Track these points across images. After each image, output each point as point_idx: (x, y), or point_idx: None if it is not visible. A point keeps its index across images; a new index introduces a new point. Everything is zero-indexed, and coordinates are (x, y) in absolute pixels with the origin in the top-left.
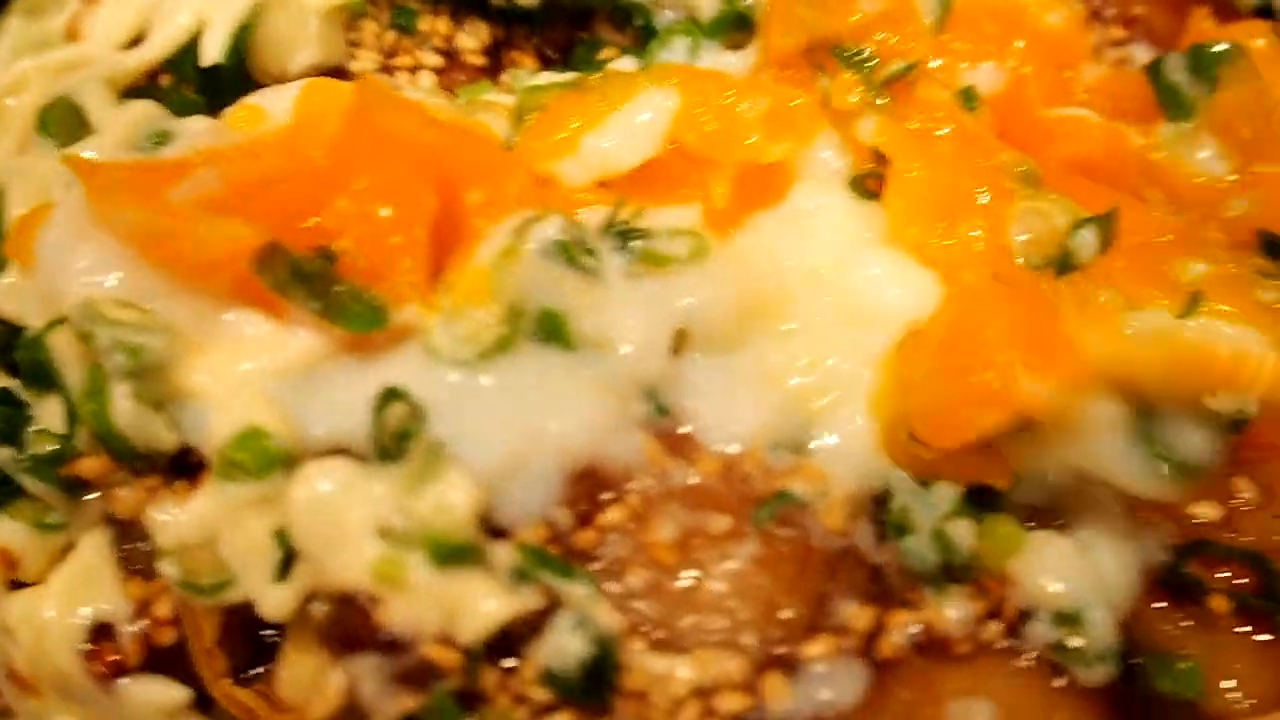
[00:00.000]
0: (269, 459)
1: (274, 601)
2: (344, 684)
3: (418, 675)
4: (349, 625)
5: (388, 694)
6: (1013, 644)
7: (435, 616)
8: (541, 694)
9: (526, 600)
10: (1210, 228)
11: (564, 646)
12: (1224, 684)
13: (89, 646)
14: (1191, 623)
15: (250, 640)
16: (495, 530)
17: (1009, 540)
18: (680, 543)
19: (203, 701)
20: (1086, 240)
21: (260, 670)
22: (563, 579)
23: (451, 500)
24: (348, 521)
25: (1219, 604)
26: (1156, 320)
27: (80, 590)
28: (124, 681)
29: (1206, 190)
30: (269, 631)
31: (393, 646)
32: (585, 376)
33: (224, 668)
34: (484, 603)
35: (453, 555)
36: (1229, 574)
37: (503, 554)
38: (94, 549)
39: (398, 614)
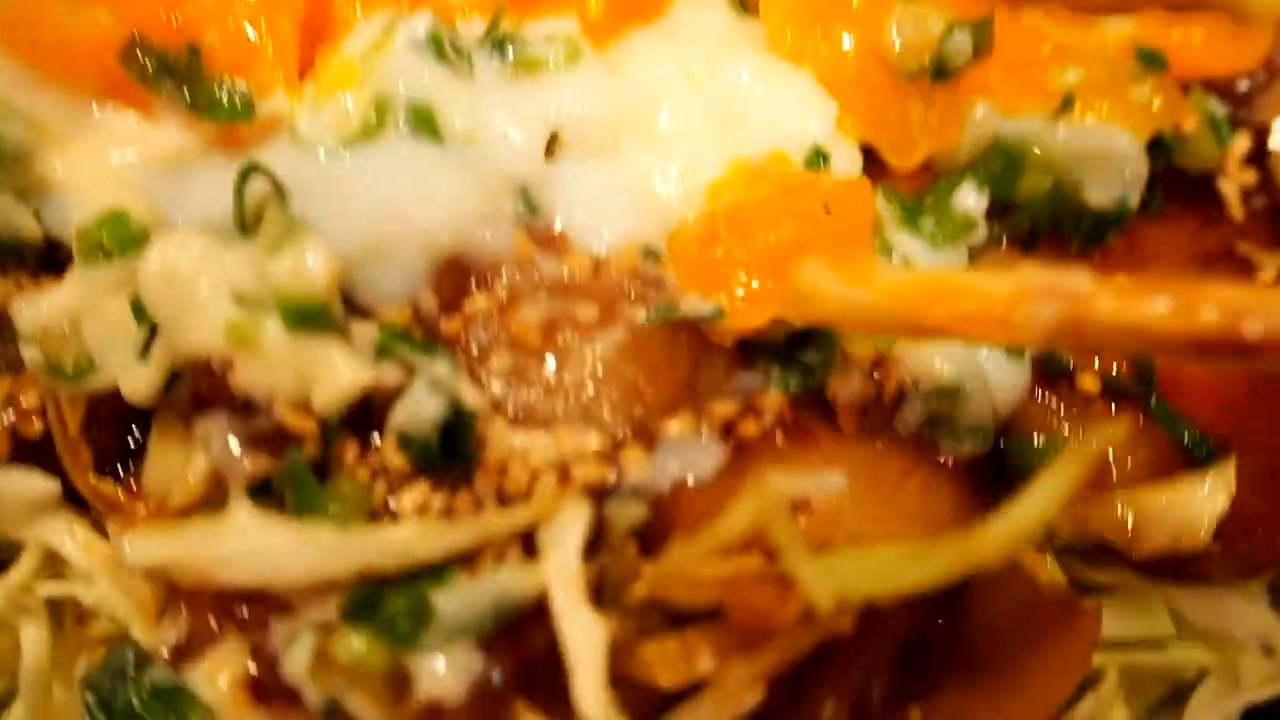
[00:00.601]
0: (130, 239)
1: (135, 381)
2: (205, 471)
3: (272, 439)
4: (203, 390)
5: (240, 455)
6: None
7: (290, 382)
8: (399, 462)
9: (385, 373)
10: (1089, 38)
11: (420, 409)
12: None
13: None
14: (1063, 405)
15: (118, 438)
16: (357, 310)
17: None
18: (546, 328)
19: (78, 502)
20: (961, 44)
21: (127, 468)
22: (423, 355)
23: (308, 264)
24: (201, 288)
25: (1089, 383)
26: (1030, 126)
27: None
28: None
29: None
30: (136, 433)
31: (247, 409)
32: (455, 169)
33: (89, 460)
34: (340, 370)
35: (308, 318)
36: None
37: (363, 331)
38: None
39: (251, 376)
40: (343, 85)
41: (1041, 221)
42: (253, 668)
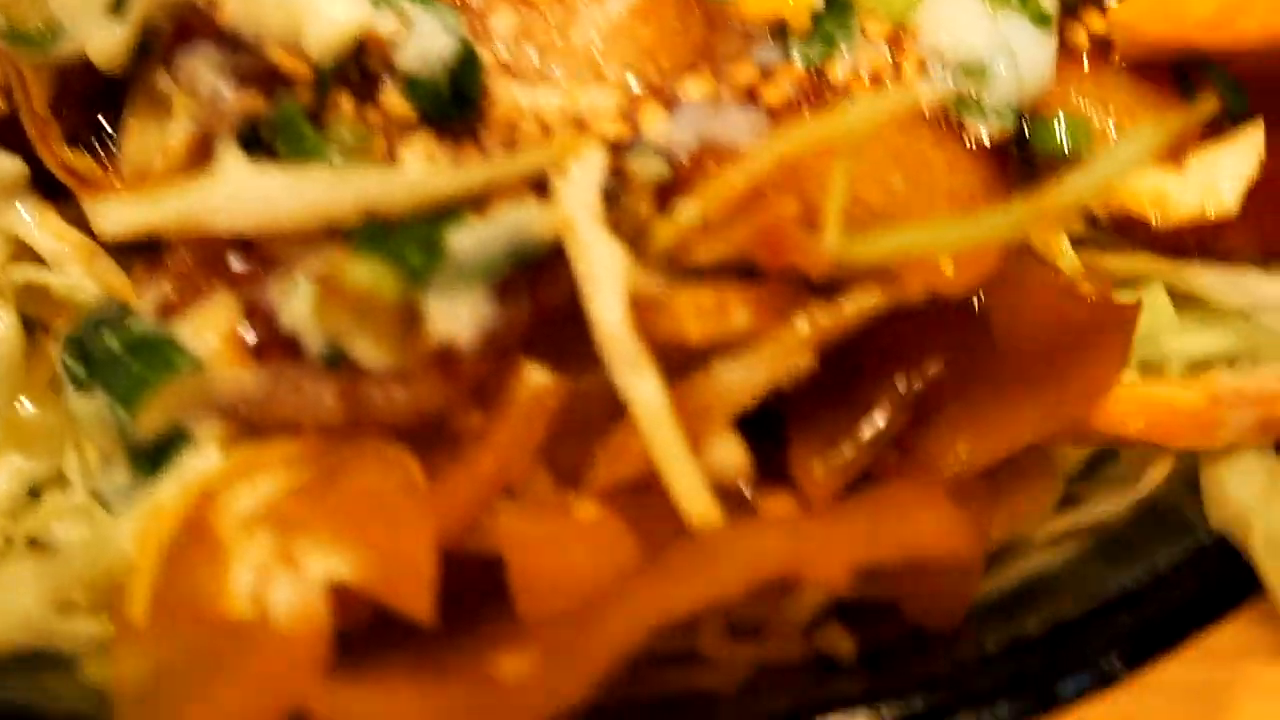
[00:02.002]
0: None
1: (106, 41)
2: (187, 136)
3: (262, 79)
4: (185, 28)
5: (228, 93)
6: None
7: (281, 20)
8: (404, 110)
9: (381, 20)
10: None
11: (431, 46)
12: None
13: None
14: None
15: (90, 119)
16: None
17: None
18: None
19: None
20: None
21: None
22: (422, 5)
23: None
24: None
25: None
26: None
27: None
28: None
29: None
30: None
31: (236, 44)
32: None
33: (59, 135)
34: (334, 9)
35: None
36: None
37: None
38: None
39: (239, 12)
40: None
41: None
42: (246, 323)
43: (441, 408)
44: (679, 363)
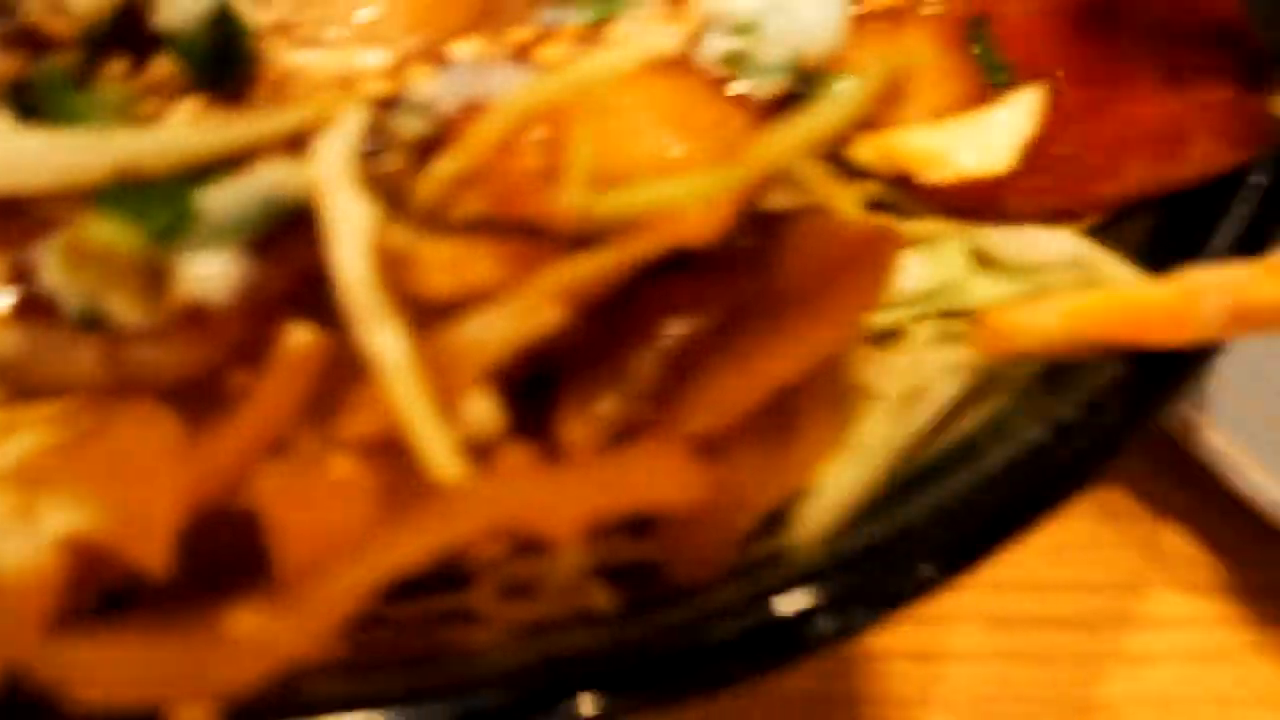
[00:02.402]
0: None
1: None
2: None
3: (25, 40)
4: None
5: None
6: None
7: None
8: (171, 72)
9: None
10: None
11: (185, 6)
12: None
13: None
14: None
15: None
16: None
17: None
18: None
19: None
20: None
21: None
22: None
23: None
24: None
25: None
26: None
27: None
28: None
29: None
30: None
31: None
32: None
33: None
34: None
35: None
36: None
37: None
38: None
39: None
40: None
41: None
42: (13, 285)
43: (203, 367)
44: (434, 321)
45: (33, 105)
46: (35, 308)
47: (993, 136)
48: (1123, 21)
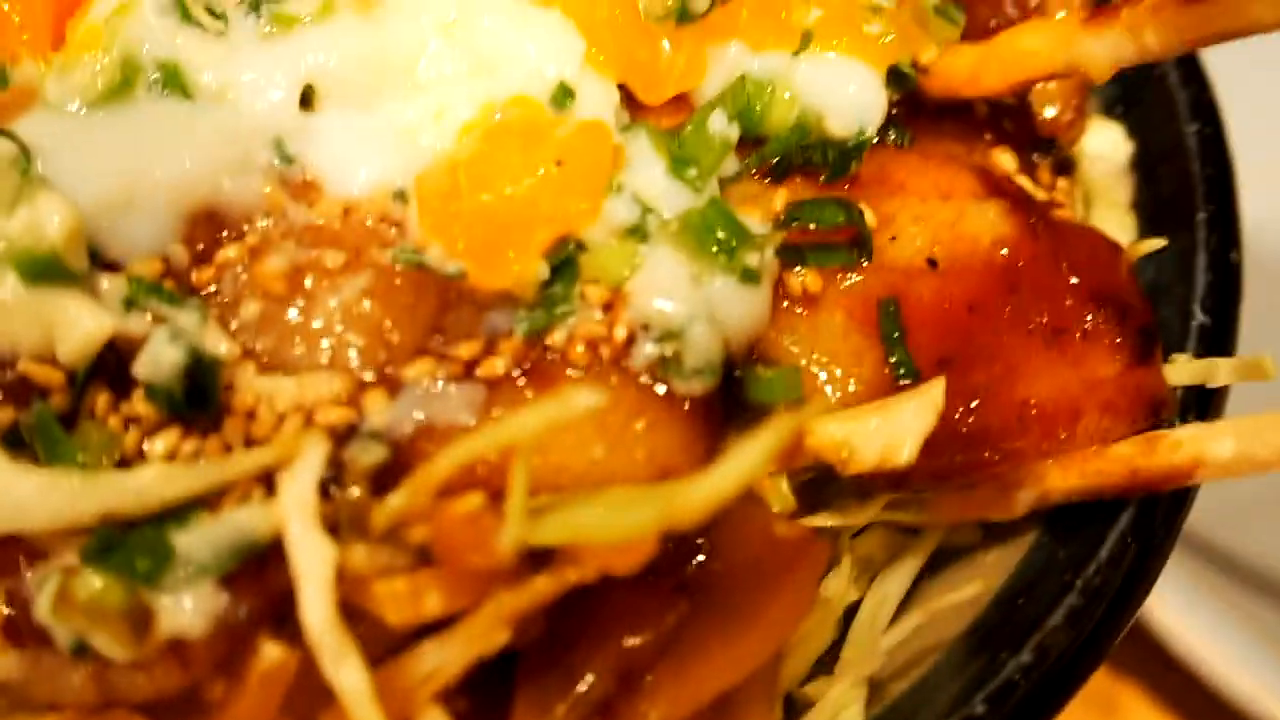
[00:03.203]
0: None
1: None
2: None
3: (17, 390)
4: None
5: None
6: (621, 363)
7: (33, 335)
8: (148, 411)
9: (133, 323)
10: None
11: (160, 359)
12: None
13: None
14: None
15: None
16: (107, 265)
17: (621, 258)
18: (291, 275)
19: None
20: None
21: None
22: (170, 306)
23: (42, 219)
24: None
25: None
26: (775, 62)
27: None
28: None
29: None
30: None
31: None
32: (205, 125)
33: None
34: (80, 321)
35: (45, 273)
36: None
37: (113, 284)
38: None
39: None
40: (90, 49)
41: (790, 153)
42: (7, 611)
43: (182, 686)
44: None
45: (22, 443)
46: (29, 634)
47: (897, 429)
48: (1022, 292)
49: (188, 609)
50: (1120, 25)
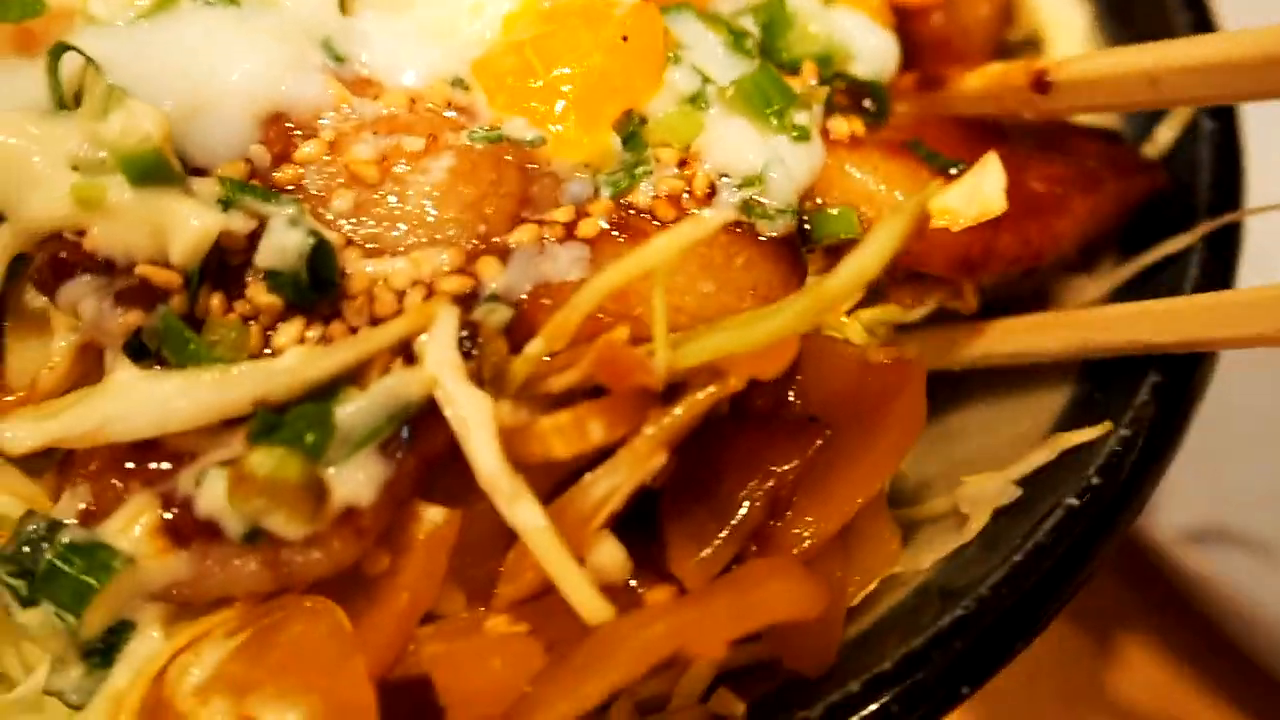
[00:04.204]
0: None
1: None
2: (70, 349)
3: (138, 295)
4: (60, 261)
5: (110, 312)
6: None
7: (145, 238)
8: (270, 301)
9: (234, 220)
10: None
11: (284, 243)
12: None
13: None
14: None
15: None
16: (193, 171)
17: (689, 121)
18: (379, 162)
19: None
20: None
21: None
22: (267, 203)
23: (139, 120)
24: (36, 163)
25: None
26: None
27: None
28: None
29: None
30: None
31: (108, 268)
32: (256, 28)
33: None
34: (189, 219)
35: (149, 173)
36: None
37: (205, 186)
38: None
39: (105, 238)
40: None
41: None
42: (166, 514)
43: (356, 559)
44: (556, 476)
45: (147, 351)
46: (193, 532)
47: (982, 189)
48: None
49: (359, 478)
50: None
